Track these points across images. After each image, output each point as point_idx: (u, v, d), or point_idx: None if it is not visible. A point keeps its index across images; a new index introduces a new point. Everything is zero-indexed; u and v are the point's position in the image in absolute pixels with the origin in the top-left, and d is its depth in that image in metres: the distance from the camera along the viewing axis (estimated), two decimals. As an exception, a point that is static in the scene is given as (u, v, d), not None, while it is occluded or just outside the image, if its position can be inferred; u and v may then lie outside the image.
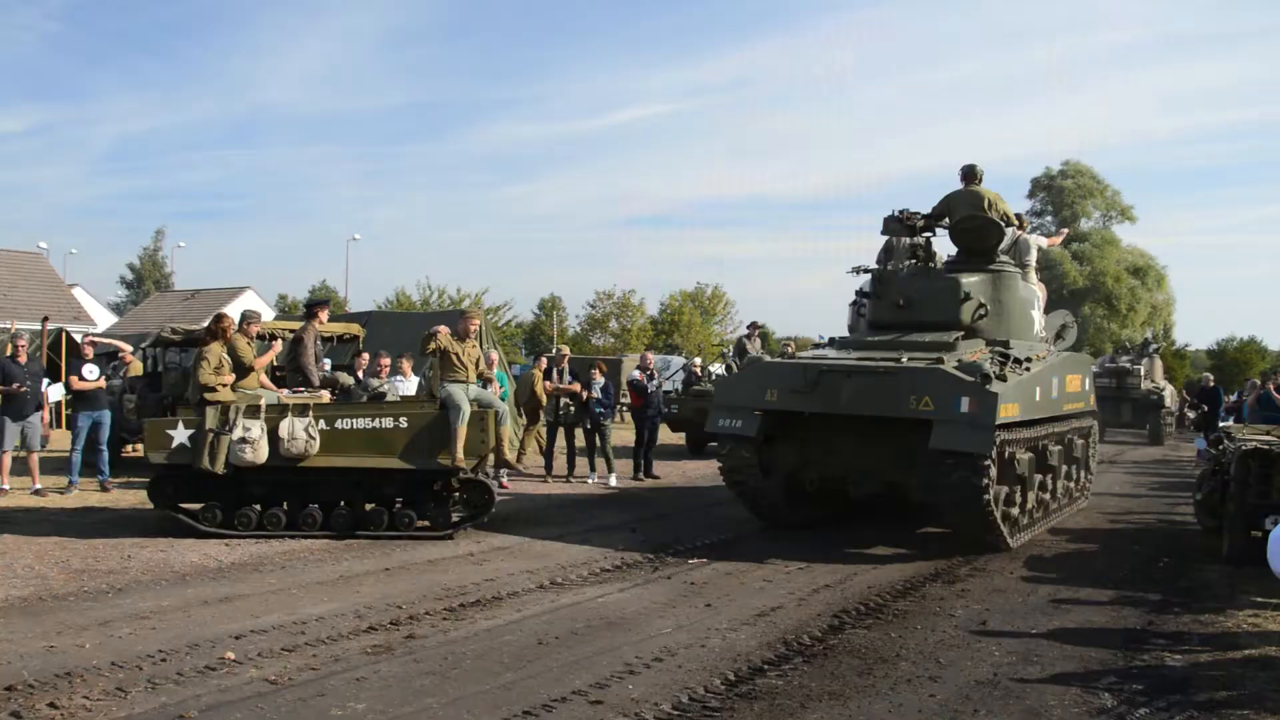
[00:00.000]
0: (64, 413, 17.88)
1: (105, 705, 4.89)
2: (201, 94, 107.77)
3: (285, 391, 10.11)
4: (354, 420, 9.51)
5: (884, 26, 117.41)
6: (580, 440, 15.19)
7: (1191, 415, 28.26)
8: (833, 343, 11.54)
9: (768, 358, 11.70)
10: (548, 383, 14.60)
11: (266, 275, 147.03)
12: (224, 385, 9.48)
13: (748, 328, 21.80)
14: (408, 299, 51.18)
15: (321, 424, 9.41)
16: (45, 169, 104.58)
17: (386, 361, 12.51)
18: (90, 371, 12.45)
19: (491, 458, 10.12)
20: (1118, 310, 50.67)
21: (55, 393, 15.10)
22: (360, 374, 13.50)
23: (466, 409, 9.63)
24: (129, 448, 14.69)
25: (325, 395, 10.23)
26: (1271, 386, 15.80)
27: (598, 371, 14.93)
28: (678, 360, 33.84)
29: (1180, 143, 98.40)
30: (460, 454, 9.54)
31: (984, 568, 8.99)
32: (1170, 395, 29.01)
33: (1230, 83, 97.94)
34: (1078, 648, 6.40)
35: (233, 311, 13.72)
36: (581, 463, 15.22)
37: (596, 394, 14.56)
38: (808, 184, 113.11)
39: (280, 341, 11.57)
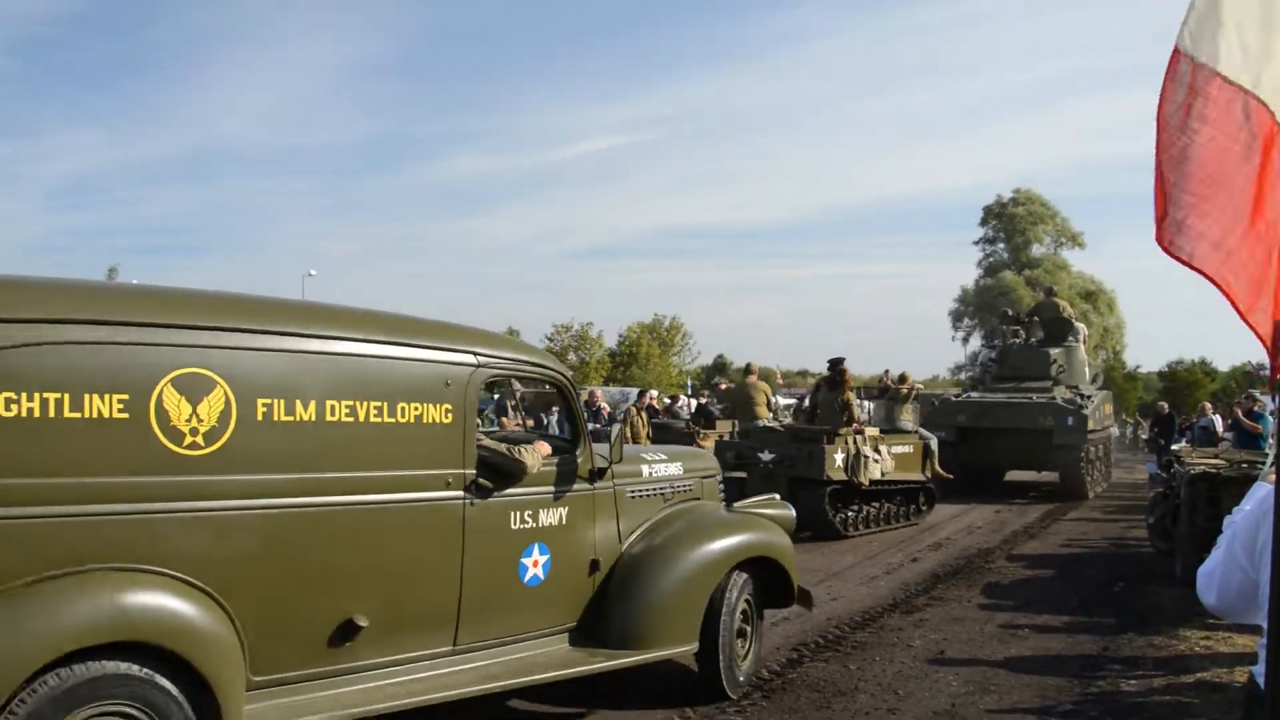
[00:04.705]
0: None
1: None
2: (155, 129, 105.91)
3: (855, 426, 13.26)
4: (893, 447, 13.41)
5: (832, 59, 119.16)
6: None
7: (1146, 439, 28.83)
8: (975, 388, 20.75)
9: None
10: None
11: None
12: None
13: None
14: (365, 335, 50.67)
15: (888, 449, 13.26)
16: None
17: None
18: None
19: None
20: (1071, 335, 51.43)
21: None
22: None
23: (935, 437, 14.72)
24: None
25: (875, 430, 13.92)
26: (1240, 412, 15.88)
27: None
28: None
29: (1127, 170, 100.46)
30: (940, 469, 14.70)
31: (942, 596, 9.04)
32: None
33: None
34: (1034, 675, 6.43)
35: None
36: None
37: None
38: (761, 214, 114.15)
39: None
